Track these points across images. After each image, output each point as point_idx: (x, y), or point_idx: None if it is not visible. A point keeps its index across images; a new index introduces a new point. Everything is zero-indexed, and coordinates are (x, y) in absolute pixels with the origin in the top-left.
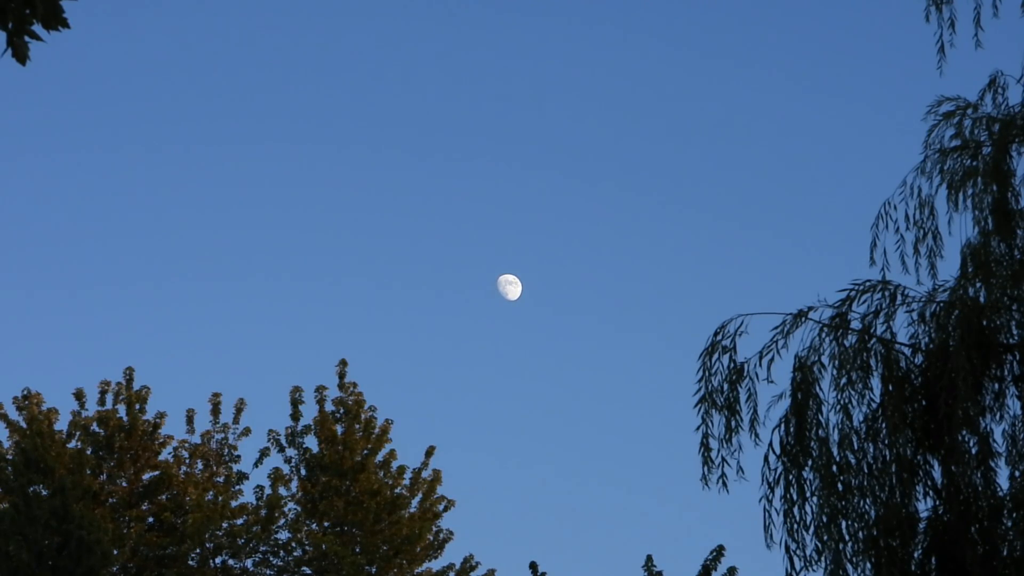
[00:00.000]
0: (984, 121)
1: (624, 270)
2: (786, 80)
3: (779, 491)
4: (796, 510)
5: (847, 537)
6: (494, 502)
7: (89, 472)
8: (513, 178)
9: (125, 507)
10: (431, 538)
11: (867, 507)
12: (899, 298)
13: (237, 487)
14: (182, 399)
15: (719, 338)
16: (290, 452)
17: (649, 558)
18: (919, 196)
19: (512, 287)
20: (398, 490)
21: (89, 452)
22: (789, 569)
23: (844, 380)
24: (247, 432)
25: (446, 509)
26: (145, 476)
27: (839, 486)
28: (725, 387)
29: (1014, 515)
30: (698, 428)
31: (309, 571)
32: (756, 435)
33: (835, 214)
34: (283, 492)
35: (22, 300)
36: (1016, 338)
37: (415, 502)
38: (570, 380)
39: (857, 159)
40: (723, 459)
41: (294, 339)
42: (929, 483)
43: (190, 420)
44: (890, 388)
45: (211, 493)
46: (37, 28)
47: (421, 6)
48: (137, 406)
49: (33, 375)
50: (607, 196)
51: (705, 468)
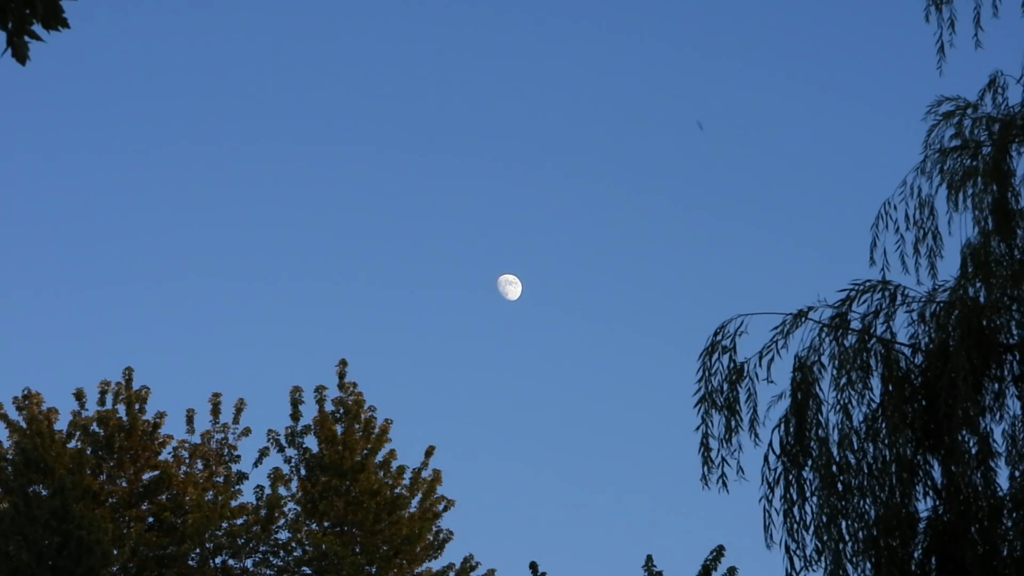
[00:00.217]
0: (984, 121)
1: (624, 270)
2: (786, 80)
3: (779, 491)
4: (796, 510)
5: (847, 537)
6: (494, 502)
7: (89, 472)
8: (513, 178)
9: (125, 507)
10: (431, 538)
11: (867, 507)
12: (899, 298)
13: (237, 487)
14: (182, 399)
15: (719, 338)
16: (290, 452)
17: (649, 558)
18: (919, 196)
19: (512, 287)
20: (398, 490)
21: (89, 452)
22: (789, 569)
23: (844, 380)
24: (247, 432)
25: (446, 509)
26: (145, 476)
27: (839, 486)
28: (725, 387)
29: (1014, 515)
30: (698, 428)
31: (309, 571)
32: (756, 435)
33: (835, 214)
34: (283, 492)
35: (22, 300)
36: (1016, 338)
37: (415, 502)
38: (570, 380)
39: (857, 159)
40: (723, 459)
41: (294, 339)
42: (929, 483)
43: (190, 420)
44: (890, 388)
45: (211, 493)
46: (37, 28)
47: (421, 6)
48: (137, 406)
49: (33, 375)
50: (607, 196)
51: (705, 468)
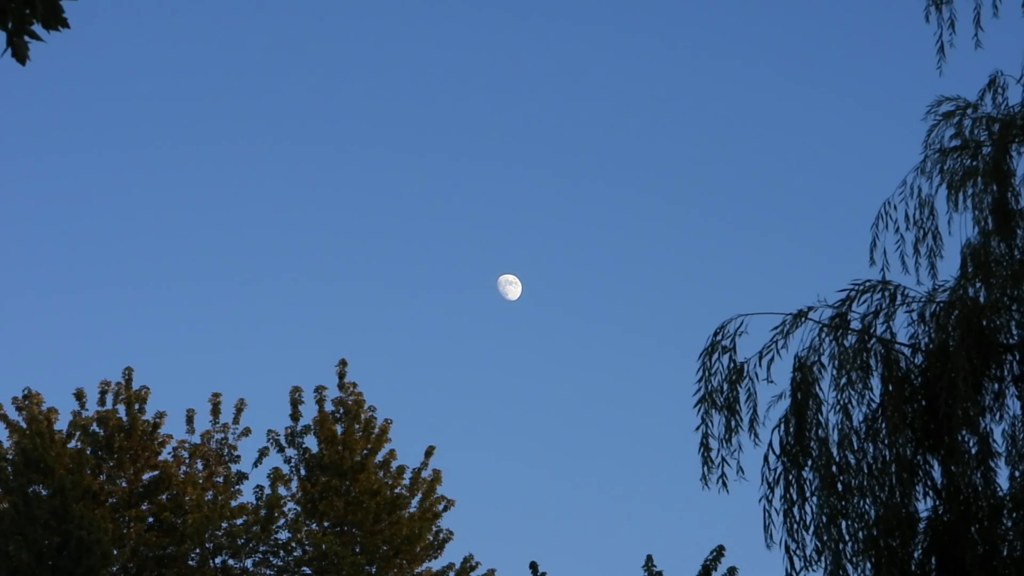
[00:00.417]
0: (984, 121)
1: (624, 270)
2: (786, 80)
3: (779, 491)
4: (796, 510)
5: (847, 537)
6: (494, 502)
7: (89, 472)
8: (513, 178)
9: (125, 507)
10: (431, 538)
11: (867, 507)
12: (899, 298)
13: (237, 487)
14: (182, 399)
15: (719, 338)
16: (290, 452)
17: (649, 558)
18: (919, 196)
19: (512, 287)
20: (398, 490)
21: (89, 452)
22: (789, 569)
23: (844, 380)
24: (247, 432)
25: (446, 509)
26: (145, 476)
27: (839, 486)
28: (725, 387)
29: (1014, 515)
30: (698, 428)
31: (309, 571)
32: (756, 435)
33: (835, 214)
34: (283, 492)
35: (22, 300)
36: (1016, 338)
37: (415, 502)
38: (570, 380)
39: (857, 159)
40: (723, 459)
41: (294, 339)
42: (929, 483)
43: (190, 420)
44: (890, 388)
45: (211, 493)
46: (37, 28)
47: (421, 6)
48: (137, 406)
49: (33, 375)
50: (607, 196)
51: (705, 468)
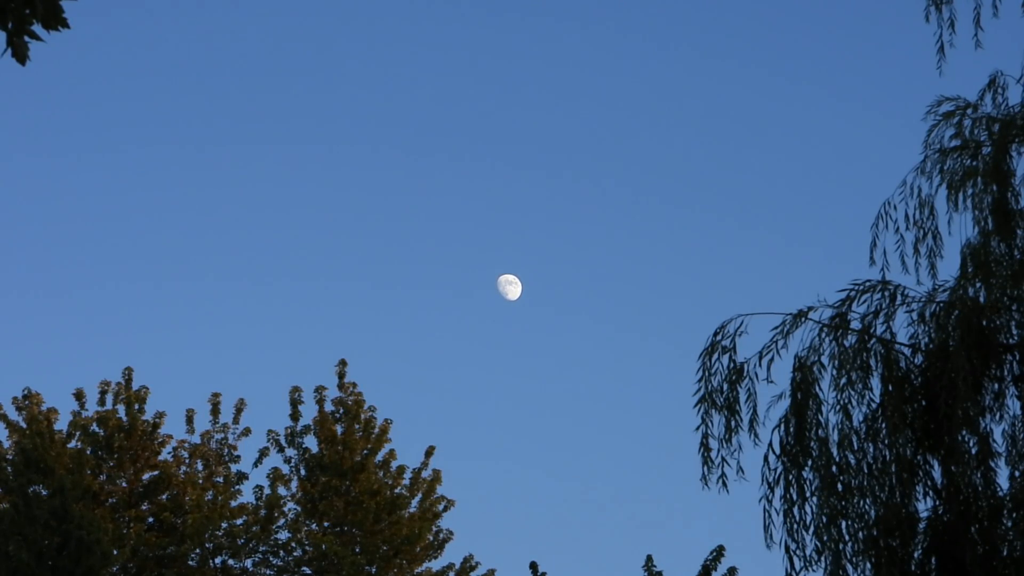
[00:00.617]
0: (984, 121)
1: (624, 270)
2: (786, 80)
3: (779, 491)
4: (796, 510)
5: (847, 537)
6: (494, 502)
7: (89, 472)
8: (513, 178)
9: (125, 507)
10: (431, 538)
11: (867, 507)
12: (899, 298)
13: (237, 487)
14: (182, 399)
15: (719, 338)
16: (290, 452)
17: (649, 558)
18: (919, 196)
19: (512, 287)
20: (398, 490)
21: (89, 452)
22: (789, 569)
23: (844, 380)
24: (247, 432)
25: (446, 509)
26: (145, 476)
27: (839, 486)
28: (725, 387)
29: (1014, 515)
30: (698, 428)
31: (309, 571)
32: (756, 435)
33: (835, 214)
34: (283, 492)
35: (22, 300)
36: (1016, 338)
37: (415, 502)
38: (570, 380)
39: (857, 159)
40: (723, 459)
41: (294, 339)
42: (929, 483)
43: (190, 420)
44: (890, 388)
45: (211, 493)
46: (37, 28)
47: (421, 7)
48: (136, 406)
49: (33, 375)
50: (607, 196)
51: (705, 468)
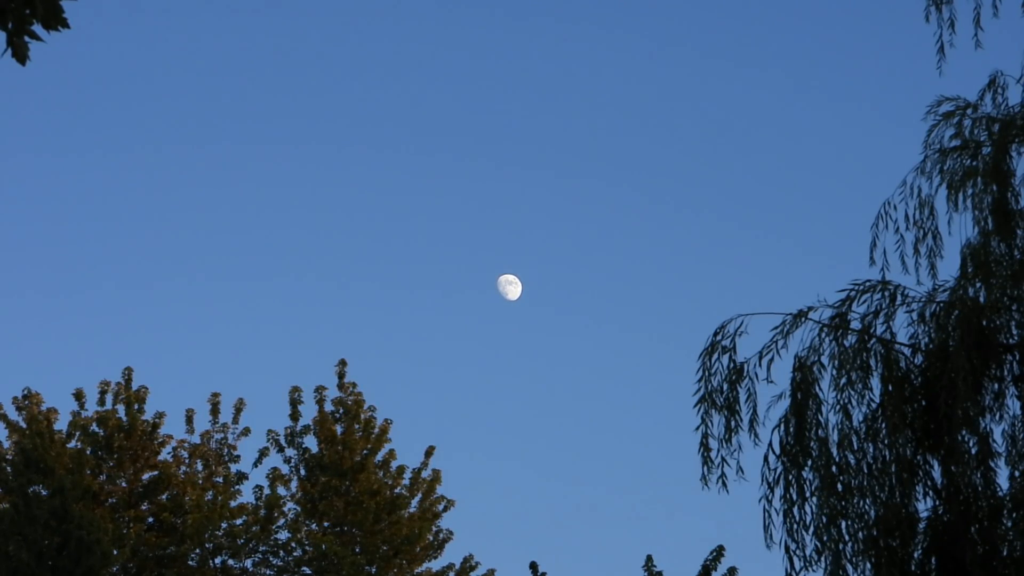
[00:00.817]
0: (984, 121)
1: (624, 270)
2: (786, 80)
3: (779, 491)
4: (796, 510)
5: (847, 537)
6: (494, 502)
7: (89, 472)
8: (513, 178)
9: (125, 507)
10: (431, 538)
11: (867, 507)
12: (899, 298)
13: (236, 487)
14: (181, 399)
15: (719, 338)
16: (289, 452)
17: (649, 558)
18: (919, 196)
19: (512, 287)
20: (398, 490)
21: (89, 452)
22: (789, 569)
23: (844, 380)
24: (247, 432)
25: (446, 509)
26: (144, 476)
27: (839, 486)
28: (725, 387)
29: (1014, 515)
30: (698, 428)
31: (309, 571)
32: (756, 435)
33: (835, 214)
34: (283, 492)
35: (22, 300)
36: (1016, 338)
37: (415, 502)
38: (570, 380)
39: (857, 159)
40: (723, 459)
41: (294, 339)
42: (929, 483)
43: (189, 420)
44: (890, 388)
45: (210, 493)
46: (37, 28)
47: (422, 7)
48: (136, 406)
49: (33, 375)
50: (607, 196)
51: (705, 468)
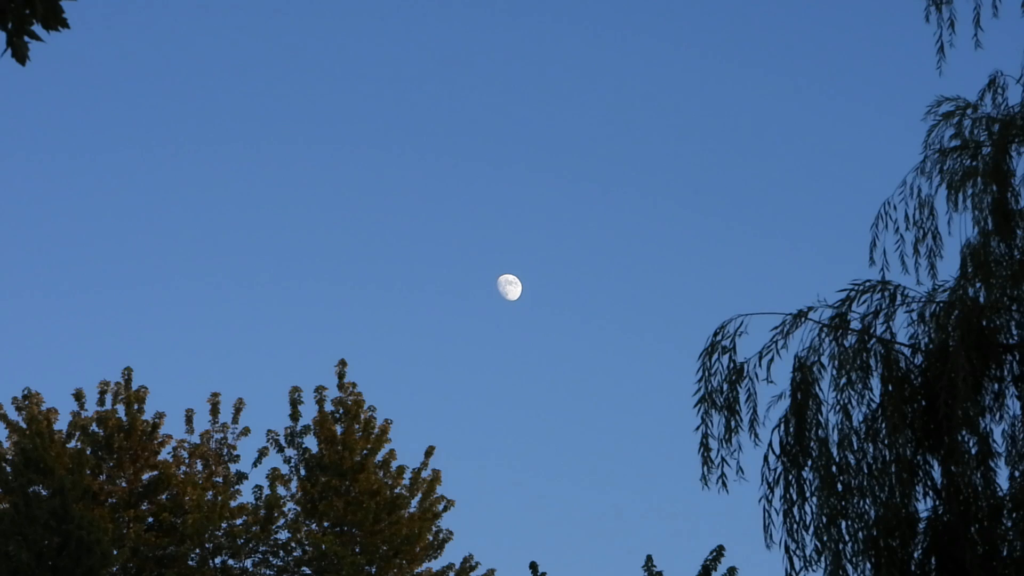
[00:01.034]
0: (984, 121)
1: (624, 270)
2: (786, 80)
3: (779, 491)
4: (796, 510)
5: (847, 537)
6: (494, 502)
7: (89, 472)
8: (513, 178)
9: (124, 507)
10: (431, 538)
11: (867, 507)
12: (899, 298)
13: (236, 487)
14: (181, 399)
15: (719, 338)
16: (289, 452)
17: (649, 558)
18: (919, 196)
19: (512, 287)
20: (398, 490)
21: (89, 452)
22: (789, 569)
23: (844, 380)
24: (246, 432)
25: (446, 509)
26: (144, 476)
27: (839, 486)
28: (725, 387)
29: (1014, 515)
30: (698, 428)
31: (309, 571)
32: (756, 435)
33: (835, 214)
34: (282, 492)
35: (22, 300)
36: (1016, 338)
37: (415, 502)
38: (570, 380)
39: (857, 159)
40: (723, 459)
41: (294, 339)
42: (929, 483)
43: (189, 420)
44: (890, 388)
45: (210, 493)
46: (37, 28)
47: (422, 7)
48: (136, 406)
49: (33, 375)
50: (607, 196)
51: (705, 468)
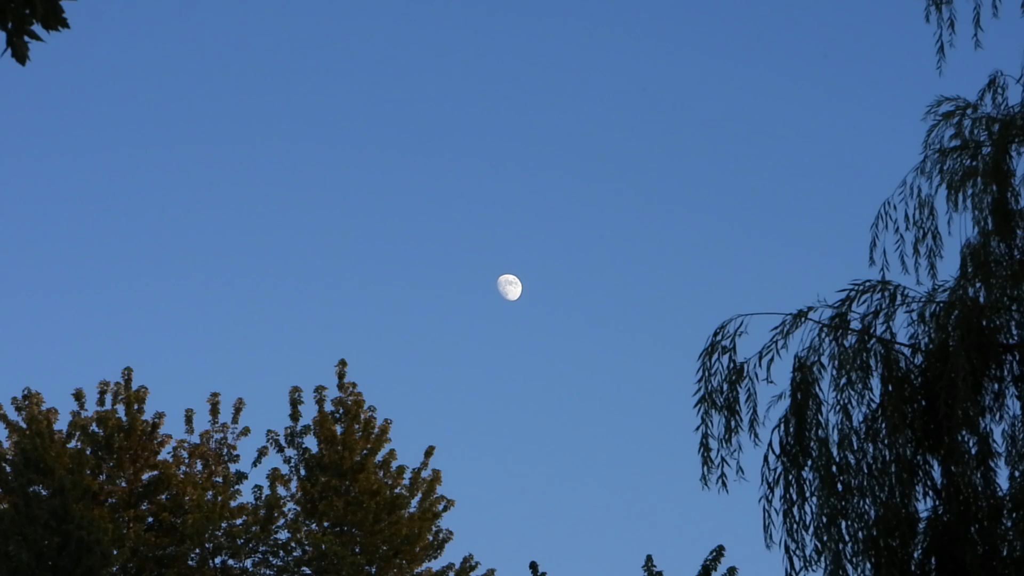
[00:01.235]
0: (984, 121)
1: (624, 270)
2: (786, 80)
3: (779, 491)
4: (796, 510)
5: (847, 537)
6: (494, 502)
7: (88, 472)
8: (513, 178)
9: (124, 507)
10: (431, 538)
11: (867, 507)
12: (899, 298)
13: (236, 487)
14: (181, 399)
15: (719, 338)
16: (289, 452)
17: (649, 558)
18: (919, 196)
19: (512, 287)
20: (398, 490)
21: (89, 452)
22: (789, 569)
23: (844, 380)
24: (246, 432)
25: (446, 509)
26: (144, 476)
27: (839, 486)
28: (725, 387)
29: (1014, 515)
30: (698, 428)
31: (309, 571)
32: (756, 435)
33: (835, 214)
34: (282, 492)
35: (22, 300)
36: (1016, 338)
37: (415, 502)
38: (570, 380)
39: (857, 159)
40: (723, 459)
41: (294, 339)
42: (929, 483)
43: (189, 420)
44: (890, 388)
45: (210, 493)
46: (37, 28)
47: (422, 7)
48: (136, 406)
49: (33, 375)
50: (607, 197)
51: (705, 468)
